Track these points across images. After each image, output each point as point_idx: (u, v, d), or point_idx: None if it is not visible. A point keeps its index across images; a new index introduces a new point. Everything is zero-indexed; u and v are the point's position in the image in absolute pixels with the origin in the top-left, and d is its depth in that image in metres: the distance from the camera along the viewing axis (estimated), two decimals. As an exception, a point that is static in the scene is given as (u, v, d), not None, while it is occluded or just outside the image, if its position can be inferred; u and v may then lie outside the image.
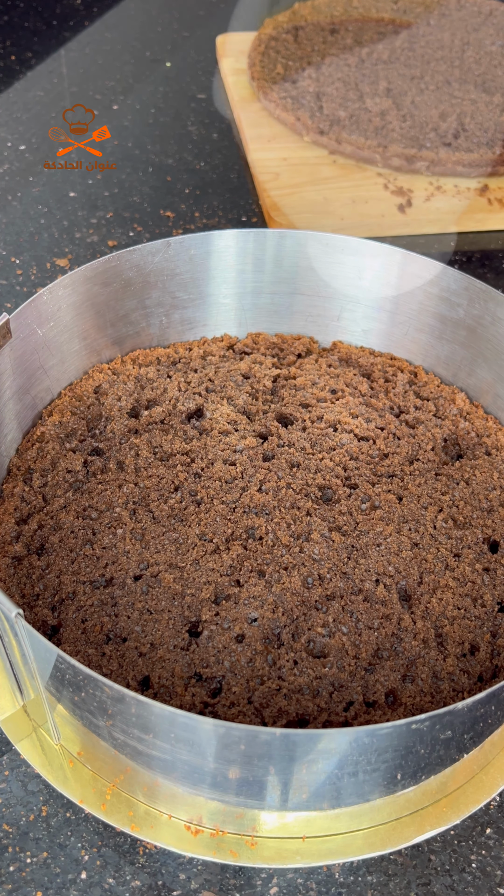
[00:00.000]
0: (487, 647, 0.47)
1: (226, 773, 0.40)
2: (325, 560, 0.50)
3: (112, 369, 0.61)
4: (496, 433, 0.58)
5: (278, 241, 0.62)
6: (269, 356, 0.64)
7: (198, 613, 0.47)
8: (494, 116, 0.92)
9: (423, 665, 0.46)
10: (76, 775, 0.45)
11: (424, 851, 0.46)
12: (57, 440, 0.56)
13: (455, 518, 0.53)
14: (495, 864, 0.45)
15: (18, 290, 0.75)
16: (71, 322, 0.57)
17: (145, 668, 0.45)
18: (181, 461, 0.55)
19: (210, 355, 0.63)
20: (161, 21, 1.13)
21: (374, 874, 0.45)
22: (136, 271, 0.59)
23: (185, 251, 0.60)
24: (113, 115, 0.96)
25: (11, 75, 1.01)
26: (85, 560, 0.50)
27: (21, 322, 0.53)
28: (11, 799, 0.47)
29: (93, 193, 0.86)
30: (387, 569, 0.50)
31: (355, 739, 0.37)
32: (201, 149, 0.92)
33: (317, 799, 0.41)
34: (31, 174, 0.88)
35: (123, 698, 0.37)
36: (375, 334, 0.64)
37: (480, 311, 0.58)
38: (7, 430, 0.54)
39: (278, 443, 0.57)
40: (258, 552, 0.50)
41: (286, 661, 0.46)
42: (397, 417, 0.60)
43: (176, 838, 0.43)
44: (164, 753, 0.39)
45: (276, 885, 0.44)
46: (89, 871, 0.44)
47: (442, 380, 0.63)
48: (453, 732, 0.40)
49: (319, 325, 0.65)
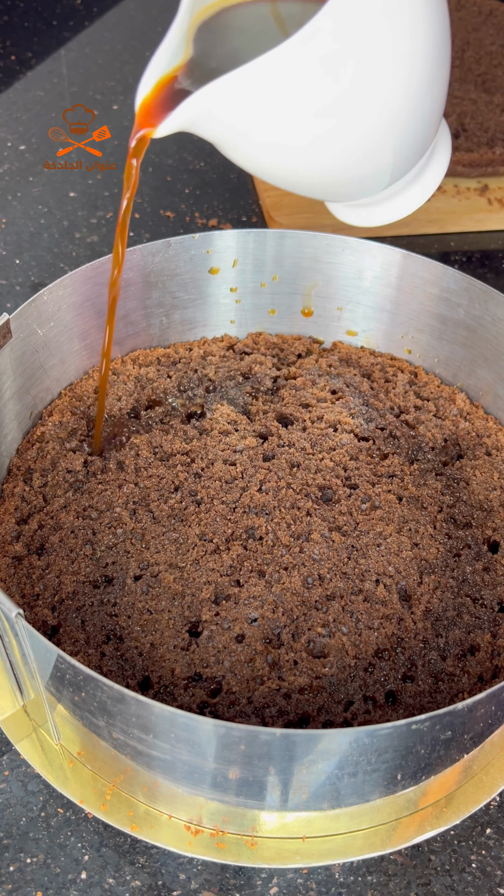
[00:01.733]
0: (487, 647, 0.47)
1: (226, 774, 0.40)
2: (325, 560, 0.50)
3: (112, 369, 0.61)
4: (496, 433, 0.58)
5: (278, 241, 0.62)
6: (269, 356, 0.64)
7: (198, 613, 0.47)
8: (494, 116, 0.91)
9: (423, 665, 0.46)
10: (76, 775, 0.45)
11: (424, 851, 0.46)
12: (57, 440, 0.56)
13: (455, 518, 0.53)
14: (495, 864, 0.45)
15: (18, 290, 0.75)
16: (71, 322, 0.57)
17: (145, 668, 0.45)
18: (181, 461, 0.55)
19: (210, 355, 0.63)
20: (161, 21, 1.13)
21: (374, 874, 0.45)
22: (136, 271, 0.59)
23: (185, 251, 0.60)
24: (113, 115, 0.96)
25: (11, 75, 1.01)
26: (85, 560, 0.50)
27: (21, 322, 0.53)
28: (11, 799, 0.47)
29: (93, 193, 0.86)
30: (387, 569, 0.50)
31: (355, 740, 0.37)
32: (201, 149, 0.92)
33: (317, 799, 0.41)
34: (31, 174, 0.88)
35: (123, 698, 0.37)
36: (375, 334, 0.64)
37: (480, 311, 0.58)
38: (7, 430, 0.54)
39: (278, 443, 0.57)
40: (258, 552, 0.50)
41: (286, 661, 0.46)
42: (397, 417, 0.60)
43: (176, 838, 0.43)
44: (164, 753, 0.39)
45: (276, 885, 0.44)
46: (89, 871, 0.44)
47: (442, 380, 0.63)
48: (453, 732, 0.40)
49: (319, 325, 0.65)
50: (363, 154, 0.37)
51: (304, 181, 0.39)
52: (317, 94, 0.34)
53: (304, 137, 0.35)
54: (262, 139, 0.35)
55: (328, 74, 0.33)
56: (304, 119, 0.34)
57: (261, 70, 0.32)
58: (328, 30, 0.32)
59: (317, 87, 0.33)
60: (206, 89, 0.33)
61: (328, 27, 0.32)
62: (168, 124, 0.36)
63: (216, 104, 0.34)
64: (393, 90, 0.35)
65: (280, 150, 0.36)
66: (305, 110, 0.34)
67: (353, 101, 0.34)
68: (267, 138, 0.35)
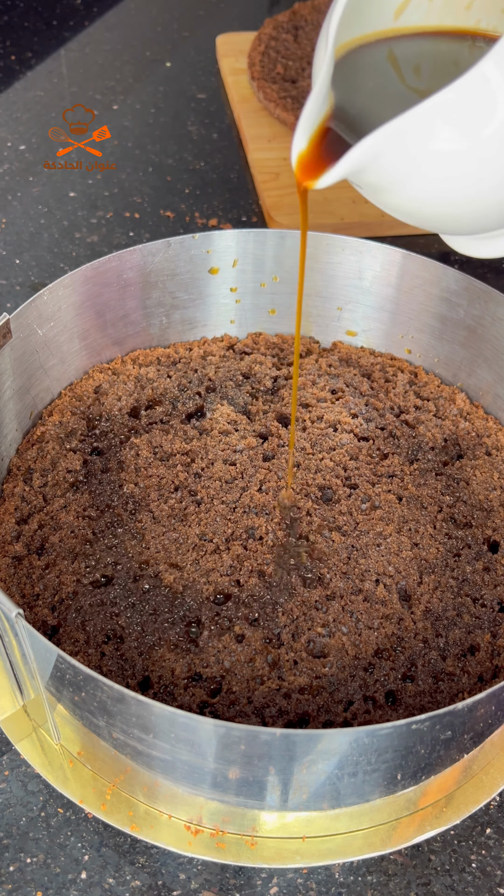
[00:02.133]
0: (487, 647, 0.47)
1: (226, 774, 0.40)
2: (325, 560, 0.50)
3: (112, 369, 0.61)
4: (496, 433, 0.58)
5: (278, 241, 0.62)
6: (269, 356, 0.64)
7: (198, 613, 0.47)
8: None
9: (423, 665, 0.46)
10: (76, 775, 0.45)
11: (424, 851, 0.46)
12: (57, 440, 0.56)
13: (455, 518, 0.53)
14: (495, 864, 0.45)
15: (18, 290, 0.75)
16: (71, 322, 0.57)
17: (145, 668, 0.45)
18: (181, 461, 0.55)
19: (210, 355, 0.63)
20: (161, 21, 1.13)
21: (374, 874, 0.45)
22: (137, 271, 0.59)
23: (185, 251, 0.60)
24: (113, 115, 0.96)
25: (11, 75, 1.01)
26: (85, 560, 0.50)
27: (21, 322, 0.53)
28: (11, 799, 0.47)
29: (93, 193, 0.86)
30: (387, 569, 0.50)
31: (355, 739, 0.37)
32: (201, 149, 0.92)
33: (317, 799, 0.41)
34: (31, 174, 0.88)
35: (123, 698, 0.37)
36: (375, 334, 0.64)
37: (480, 311, 0.58)
38: (7, 430, 0.54)
39: (278, 443, 0.57)
40: (258, 552, 0.50)
41: (286, 661, 0.46)
42: (397, 417, 0.60)
43: (176, 838, 0.43)
44: (164, 753, 0.39)
45: (276, 885, 0.44)
46: (89, 871, 0.44)
47: (442, 380, 0.63)
48: (453, 732, 0.40)
49: (319, 325, 0.65)
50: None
51: (453, 215, 0.41)
52: (480, 131, 0.35)
53: (467, 170, 0.37)
54: (427, 178, 0.37)
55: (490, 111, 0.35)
56: (470, 151, 0.36)
57: (427, 113, 0.34)
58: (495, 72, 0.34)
59: (479, 123, 0.35)
60: (369, 140, 0.35)
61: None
62: (331, 176, 0.37)
63: (382, 151, 0.35)
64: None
65: (442, 186, 0.37)
66: (470, 144, 0.36)
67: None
68: (432, 175, 0.37)
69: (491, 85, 0.33)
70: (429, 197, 0.38)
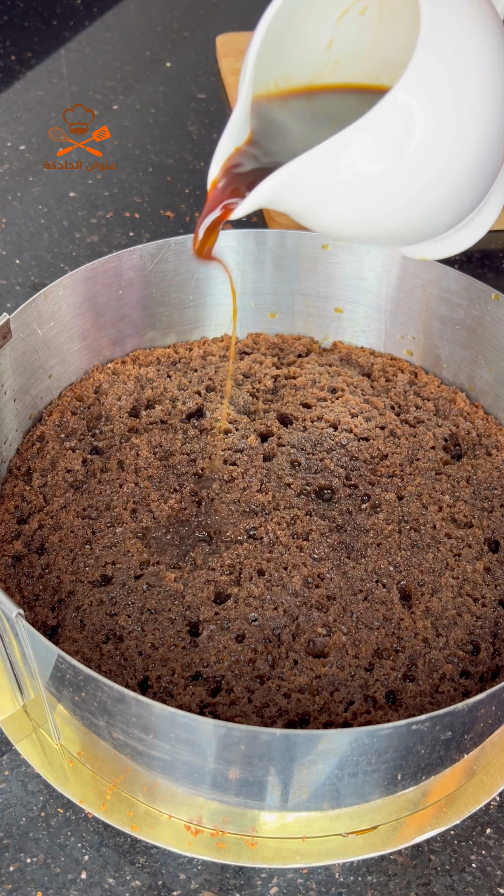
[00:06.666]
0: (487, 647, 0.47)
1: (226, 774, 0.40)
2: (325, 560, 0.50)
3: (112, 369, 0.61)
4: (496, 433, 0.58)
5: (278, 241, 0.62)
6: (269, 356, 0.64)
7: (198, 613, 0.47)
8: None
9: (423, 665, 0.46)
10: (76, 775, 0.45)
11: (424, 851, 0.46)
12: (57, 440, 0.56)
13: (455, 518, 0.53)
14: (495, 864, 0.45)
15: (18, 290, 0.75)
16: (71, 322, 0.57)
17: (145, 668, 0.45)
18: (181, 461, 0.55)
19: (210, 355, 0.63)
20: (161, 21, 1.13)
21: (374, 874, 0.45)
22: (136, 271, 0.59)
23: (185, 251, 0.60)
24: (113, 115, 0.96)
25: (11, 75, 1.01)
26: (85, 560, 0.50)
27: (21, 322, 0.53)
28: (11, 799, 0.47)
29: (93, 193, 0.86)
30: (387, 569, 0.50)
31: (355, 740, 0.37)
32: (201, 149, 0.92)
33: (317, 799, 0.41)
34: (31, 174, 0.88)
35: (123, 698, 0.37)
36: (375, 334, 0.64)
37: (480, 311, 0.58)
38: (7, 430, 0.54)
39: (278, 443, 0.57)
40: (258, 552, 0.50)
41: (286, 661, 0.46)
42: (398, 417, 0.60)
43: (176, 838, 0.43)
44: (164, 753, 0.39)
45: (276, 885, 0.44)
46: (89, 871, 0.44)
47: (442, 380, 0.63)
48: (453, 733, 0.40)
49: (319, 325, 0.65)
50: (428, 211, 0.40)
51: (375, 235, 0.43)
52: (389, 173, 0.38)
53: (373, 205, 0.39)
54: (337, 210, 0.39)
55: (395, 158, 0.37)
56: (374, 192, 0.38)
57: (334, 147, 0.36)
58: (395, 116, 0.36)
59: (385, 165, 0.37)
60: (279, 174, 0.37)
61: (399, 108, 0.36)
62: (245, 206, 0.40)
63: (290, 185, 0.38)
64: (460, 156, 0.38)
65: (353, 214, 0.40)
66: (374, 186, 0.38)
67: (419, 173, 0.38)
68: (341, 209, 0.39)
69: (392, 121, 0.36)
70: (345, 220, 0.40)
